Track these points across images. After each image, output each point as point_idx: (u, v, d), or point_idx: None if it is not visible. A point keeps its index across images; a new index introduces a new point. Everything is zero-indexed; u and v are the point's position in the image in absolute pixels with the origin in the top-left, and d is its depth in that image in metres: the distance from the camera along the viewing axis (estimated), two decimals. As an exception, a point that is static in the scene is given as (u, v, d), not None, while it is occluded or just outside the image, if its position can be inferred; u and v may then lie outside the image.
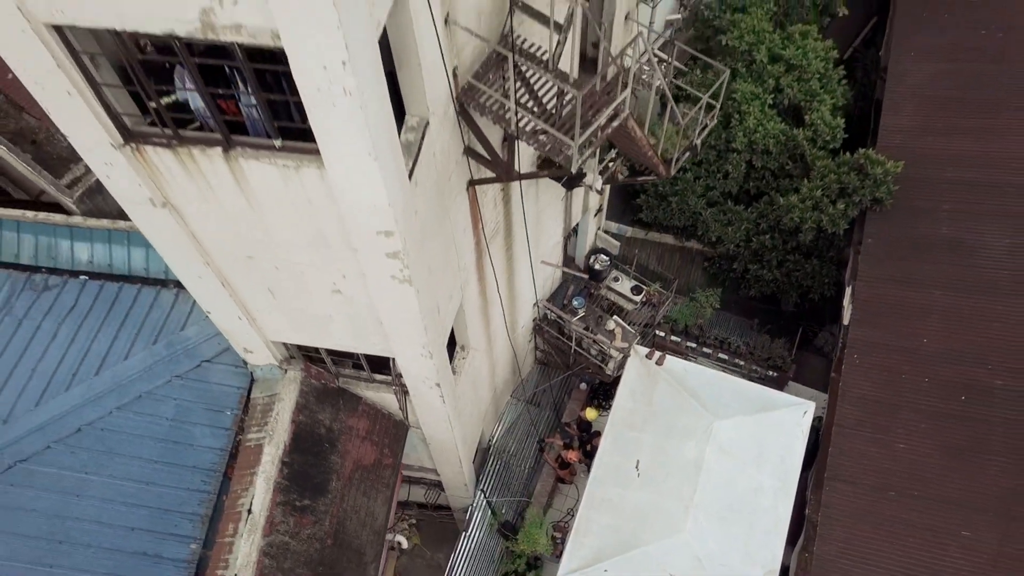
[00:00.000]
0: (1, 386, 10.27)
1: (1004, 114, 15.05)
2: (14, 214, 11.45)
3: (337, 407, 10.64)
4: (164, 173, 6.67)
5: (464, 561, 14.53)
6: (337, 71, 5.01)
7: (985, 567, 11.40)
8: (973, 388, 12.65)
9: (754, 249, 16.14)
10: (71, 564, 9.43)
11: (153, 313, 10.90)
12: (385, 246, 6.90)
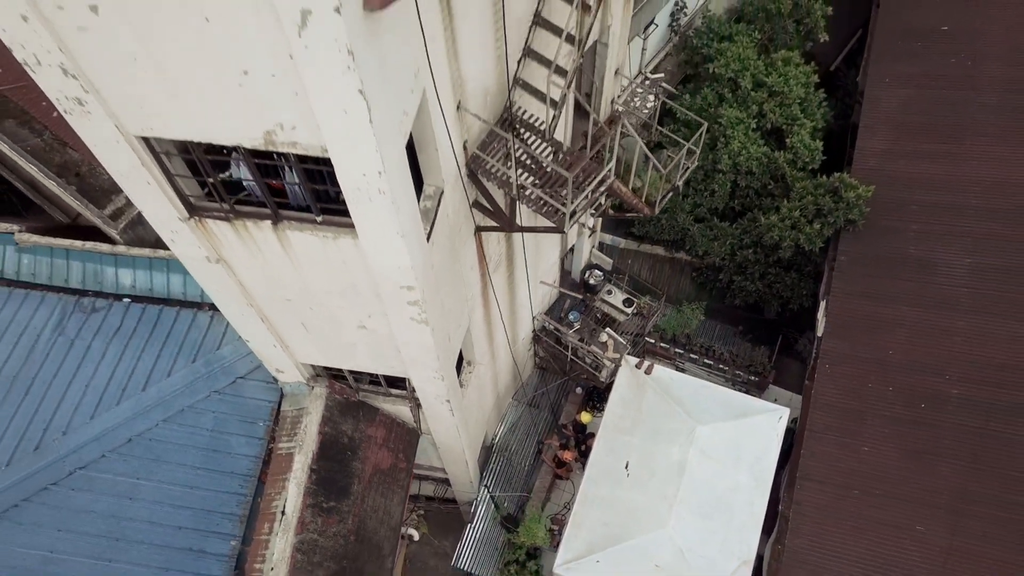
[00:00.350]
0: (59, 401, 11.55)
1: (967, 140, 16.23)
2: (64, 243, 12.69)
3: (358, 418, 11.94)
4: (220, 238, 7.92)
5: (469, 550, 15.90)
6: (374, 178, 6.25)
7: (937, 559, 12.74)
8: (931, 396, 13.93)
9: (738, 262, 17.36)
10: (127, 559, 10.75)
11: (192, 333, 12.17)
12: (407, 296, 8.16)
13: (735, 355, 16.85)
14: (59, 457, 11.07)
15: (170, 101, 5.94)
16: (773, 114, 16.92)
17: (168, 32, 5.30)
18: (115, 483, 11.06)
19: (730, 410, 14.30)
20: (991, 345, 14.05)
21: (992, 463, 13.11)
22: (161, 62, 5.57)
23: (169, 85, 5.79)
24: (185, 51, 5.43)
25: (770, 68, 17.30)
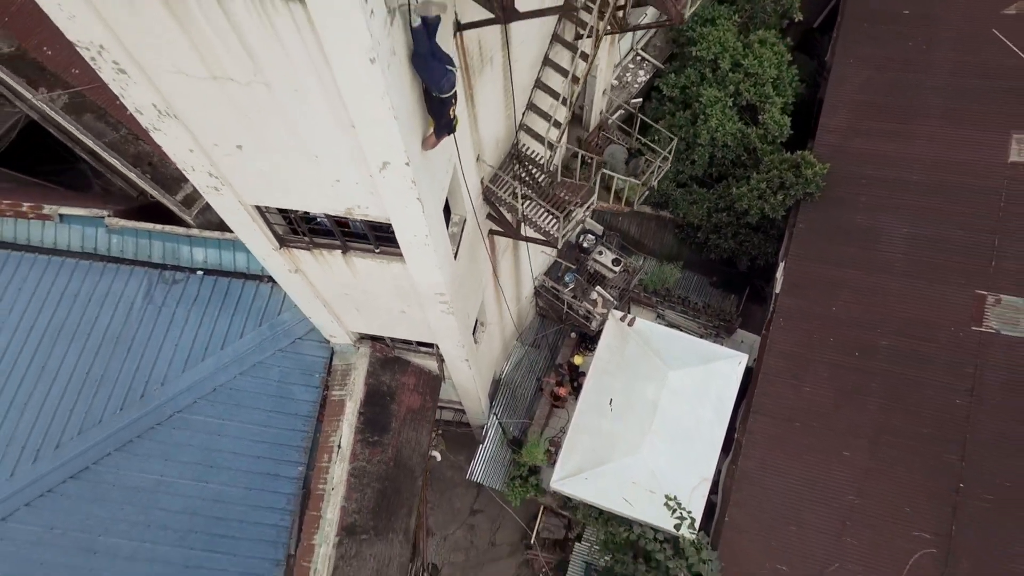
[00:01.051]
0: (155, 358, 14.51)
1: (915, 120, 18.58)
2: (146, 226, 15.39)
3: (394, 370, 14.94)
4: (300, 259, 10.67)
5: (481, 466, 19.19)
6: (421, 237, 8.96)
7: (858, 477, 15.91)
8: (864, 347, 16.84)
9: (713, 223, 19.96)
10: (220, 481, 13.94)
11: (256, 302, 15.02)
12: (439, 298, 10.96)
13: (708, 305, 19.70)
14: (160, 403, 14.10)
15: (282, 193, 8.61)
16: (748, 93, 19.15)
17: (287, 161, 7.93)
18: (206, 423, 14.13)
19: (697, 356, 17.27)
20: (916, 304, 16.86)
21: (907, 402, 16.13)
22: (280, 175, 8.21)
23: (283, 186, 8.45)
24: (299, 171, 8.07)
25: (747, 50, 19.43)
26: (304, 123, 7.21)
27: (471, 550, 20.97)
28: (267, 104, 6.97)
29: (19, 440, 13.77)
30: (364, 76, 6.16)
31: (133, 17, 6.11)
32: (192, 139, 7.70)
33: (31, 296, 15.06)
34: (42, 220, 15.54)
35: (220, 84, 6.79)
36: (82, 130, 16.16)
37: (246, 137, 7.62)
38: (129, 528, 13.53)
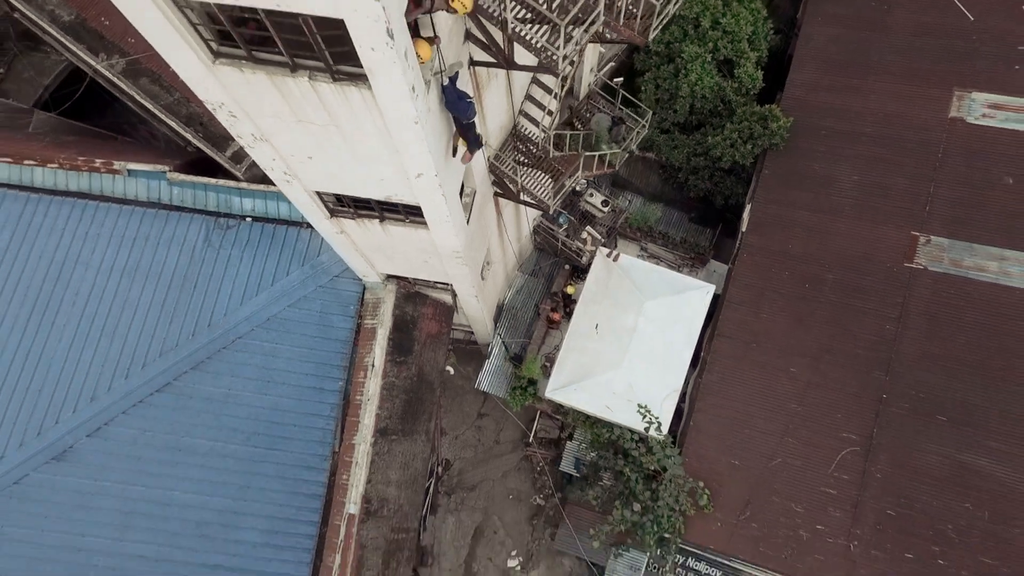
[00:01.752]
0: (217, 292, 17.58)
1: (871, 77, 21.02)
2: (202, 179, 18.18)
3: (415, 302, 18.05)
4: (345, 225, 13.60)
5: (487, 378, 22.54)
6: (443, 215, 11.86)
7: (800, 390, 19.20)
8: (813, 279, 19.85)
9: (692, 166, 22.66)
10: (276, 393, 17.23)
11: (298, 245, 17.96)
12: (455, 255, 13.94)
13: (685, 239, 22.63)
14: (225, 331, 17.26)
15: (338, 184, 11.48)
16: (725, 49, 21.51)
17: (345, 167, 10.77)
18: (263, 347, 17.33)
19: (671, 287, 20.35)
20: (860, 243, 19.77)
21: (846, 328, 19.26)
22: (338, 174, 11.06)
23: (339, 180, 11.32)
24: (353, 173, 10.92)
25: (726, 8, 21.66)
26: (361, 147, 10.00)
27: (478, 447, 24.55)
28: (335, 137, 9.75)
29: (112, 361, 17.01)
30: (409, 130, 8.95)
31: (247, 88, 8.84)
32: (276, 152, 10.51)
33: (109, 239, 18.03)
34: (112, 174, 18.33)
35: (303, 125, 9.56)
36: (141, 94, 18.73)
37: (316, 152, 10.42)
38: (205, 431, 16.93)
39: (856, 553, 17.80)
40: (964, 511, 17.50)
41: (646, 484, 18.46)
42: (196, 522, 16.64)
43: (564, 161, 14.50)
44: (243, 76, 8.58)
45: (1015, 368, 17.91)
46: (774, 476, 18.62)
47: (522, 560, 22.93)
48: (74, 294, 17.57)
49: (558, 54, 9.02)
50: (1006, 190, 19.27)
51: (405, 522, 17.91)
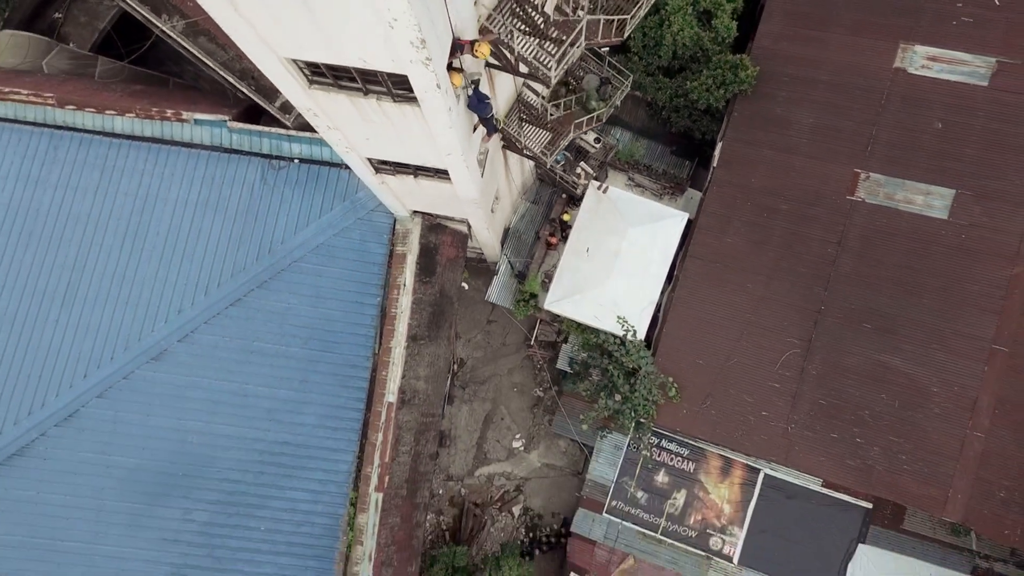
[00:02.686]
0: (274, 225, 21.55)
1: (831, 29, 24.27)
2: (256, 128, 21.86)
3: (438, 232, 22.07)
4: (387, 179, 17.48)
5: (495, 291, 26.76)
6: (465, 176, 15.75)
7: (755, 302, 23.39)
8: (770, 209, 23.74)
9: (673, 105, 26.14)
10: (326, 307, 21.41)
11: (339, 183, 21.80)
12: (472, 201, 17.87)
13: (666, 171, 26.40)
14: (282, 256, 21.31)
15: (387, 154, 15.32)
16: (705, 1, 24.67)
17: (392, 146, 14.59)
18: (314, 269, 21.42)
19: (652, 216, 24.28)
20: (810, 178, 23.56)
21: (794, 251, 23.29)
22: (387, 149, 14.89)
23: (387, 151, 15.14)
24: (399, 148, 14.75)
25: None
26: (407, 136, 13.83)
27: (487, 348, 29.02)
28: (390, 129, 13.55)
29: (193, 280, 21.17)
30: (444, 130, 12.74)
31: (330, 101, 12.59)
32: (342, 136, 14.33)
33: (181, 178, 21.90)
34: (181, 122, 22.02)
35: (366, 122, 13.34)
36: (200, 52, 22.16)
37: (372, 137, 14.23)
38: (271, 337, 21.24)
39: (793, 434, 22.42)
40: (879, 400, 22.00)
41: (626, 379, 22.90)
42: (267, 408, 21.16)
43: (560, 122, 18.22)
44: (328, 95, 12.32)
45: (927, 285, 22.07)
46: (730, 373, 23.06)
47: (525, 442, 27.76)
48: (157, 225, 21.58)
49: (550, 74, 12.72)
50: (935, 134, 22.92)
51: (431, 409, 22.51)
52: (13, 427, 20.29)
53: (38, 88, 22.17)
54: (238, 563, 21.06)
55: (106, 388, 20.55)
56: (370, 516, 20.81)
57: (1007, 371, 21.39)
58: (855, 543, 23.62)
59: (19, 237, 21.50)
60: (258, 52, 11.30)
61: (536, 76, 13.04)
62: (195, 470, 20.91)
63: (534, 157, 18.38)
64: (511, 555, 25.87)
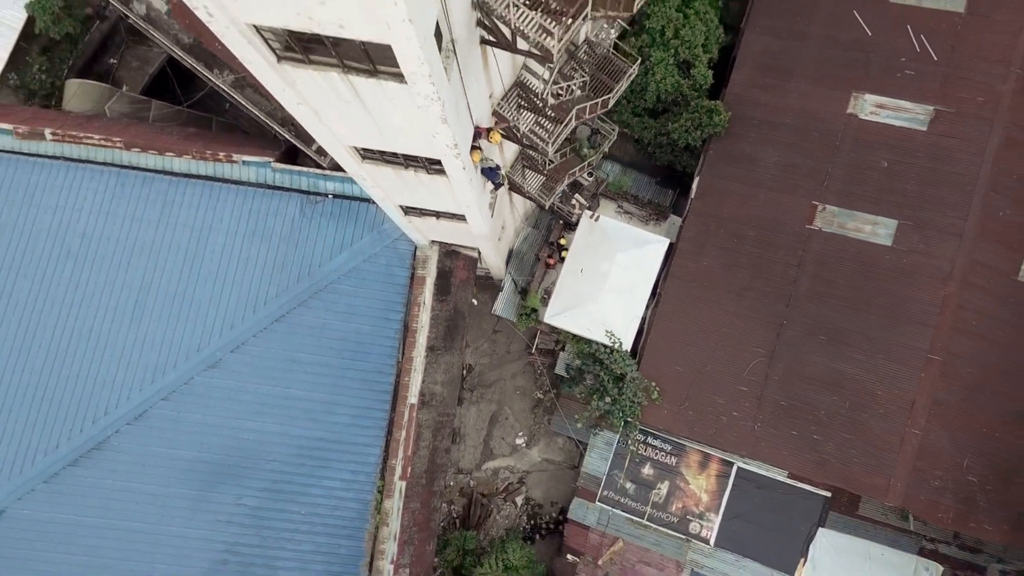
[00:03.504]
0: (312, 251, 25.28)
1: (793, 79, 28.04)
2: (296, 168, 25.61)
3: (452, 257, 25.85)
4: (413, 219, 21.22)
5: (500, 304, 30.52)
6: (479, 221, 19.51)
7: (727, 316, 27.14)
8: (740, 236, 27.50)
9: (657, 142, 29.89)
10: (358, 322, 25.13)
11: (367, 216, 25.55)
12: (483, 236, 21.59)
13: (651, 200, 30.17)
14: (320, 278, 25.06)
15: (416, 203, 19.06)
16: (684, 52, 28.45)
17: (424, 198, 18.33)
18: (346, 290, 25.17)
19: (637, 241, 28.06)
20: (774, 209, 27.33)
21: (760, 272, 27.04)
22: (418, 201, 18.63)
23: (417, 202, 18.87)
24: (428, 200, 18.48)
25: (686, 20, 28.44)
26: (435, 193, 17.56)
27: (493, 355, 32.74)
28: (421, 188, 17.27)
29: (242, 300, 24.92)
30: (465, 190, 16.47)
31: (377, 171, 16.32)
32: (383, 191, 18.05)
33: (231, 211, 25.65)
34: (231, 163, 25.76)
35: (403, 183, 17.06)
36: (248, 103, 25.93)
37: (407, 192, 17.94)
38: (310, 348, 24.99)
39: (759, 431, 26.19)
40: (832, 402, 25.78)
41: (614, 383, 26.65)
42: (306, 409, 24.92)
43: (557, 169, 21.97)
44: (377, 167, 16.08)
45: (873, 303, 25.85)
46: (705, 378, 26.82)
47: (526, 439, 31.53)
48: (211, 252, 25.33)
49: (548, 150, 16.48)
50: (881, 171, 26.70)
51: (446, 410, 26.29)
52: (91, 425, 24.04)
53: (107, 133, 25.92)
54: (281, 541, 24.79)
55: (170, 392, 24.30)
56: (395, 501, 24.54)
57: (940, 377, 25.16)
58: (816, 527, 27.38)
59: (93, 262, 25.25)
60: (326, 139, 14.96)
61: (536, 149, 16.74)
62: (245, 462, 24.65)
63: (534, 199, 22.13)
64: (515, 539, 29.55)
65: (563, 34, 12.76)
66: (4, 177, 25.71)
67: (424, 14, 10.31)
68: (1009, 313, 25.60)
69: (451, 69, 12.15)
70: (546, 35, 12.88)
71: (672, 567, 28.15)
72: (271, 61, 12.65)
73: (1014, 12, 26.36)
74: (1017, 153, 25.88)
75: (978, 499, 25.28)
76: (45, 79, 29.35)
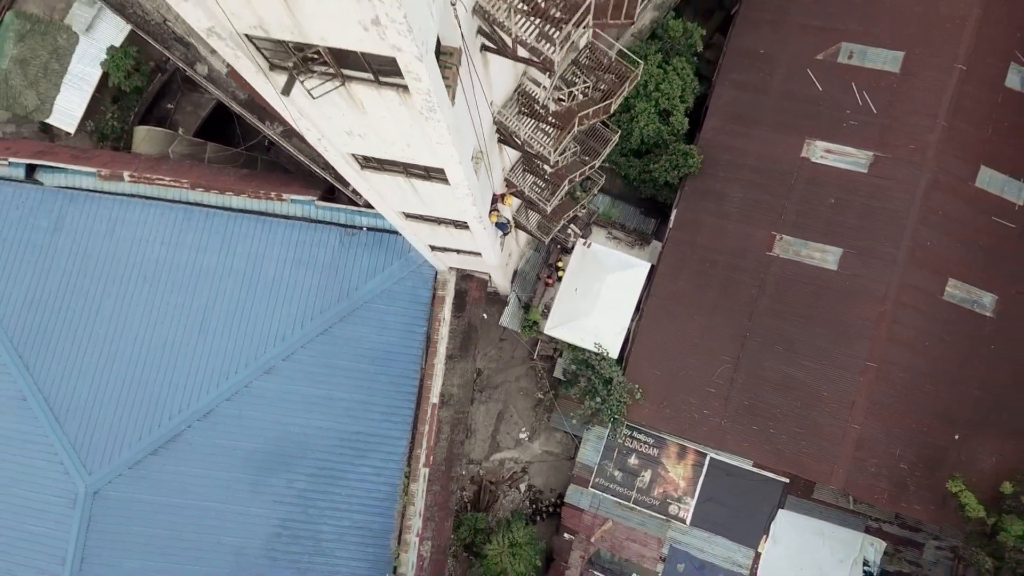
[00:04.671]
0: (350, 275, 30.38)
1: (756, 127, 33.12)
2: (335, 205, 30.70)
3: (467, 280, 30.99)
4: (438, 253, 26.32)
5: (506, 316, 35.60)
6: (494, 256, 24.61)
7: (699, 329, 32.23)
8: (711, 261, 32.59)
9: (642, 179, 34.96)
10: (388, 335, 30.23)
11: (396, 244, 30.66)
12: (494, 266, 26.68)
13: (636, 228, 35.28)
14: (358, 299, 30.17)
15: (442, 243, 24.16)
16: (664, 103, 33.53)
17: (449, 241, 23.41)
18: (379, 308, 30.28)
19: (623, 265, 33.19)
20: (740, 239, 32.41)
21: (728, 292, 32.12)
22: (444, 242, 23.72)
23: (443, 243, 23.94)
24: (452, 242, 23.57)
25: (666, 75, 33.51)
26: (459, 239, 22.61)
27: (499, 360, 37.81)
28: (448, 236, 22.32)
29: (291, 316, 30.03)
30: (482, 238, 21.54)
31: (416, 226, 21.37)
32: (417, 236, 23.10)
33: (281, 242, 30.74)
34: (280, 201, 30.86)
35: (435, 232, 22.10)
36: (294, 150, 31.01)
37: (437, 237, 22.95)
38: (348, 356, 30.09)
39: (725, 426, 31.31)
40: (786, 402, 30.88)
41: (604, 385, 31.75)
42: (345, 407, 30.05)
43: (556, 211, 27.03)
44: (416, 223, 21.17)
45: (821, 318, 30.96)
46: (680, 381, 31.93)
47: (529, 434, 36.67)
48: (264, 276, 30.45)
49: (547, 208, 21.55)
50: (829, 207, 31.80)
51: (461, 408, 31.42)
52: (168, 421, 29.16)
53: (175, 175, 31.03)
54: (324, 518, 29.92)
55: (233, 393, 29.42)
56: (419, 484, 29.67)
57: (876, 381, 30.28)
58: (776, 508, 32.54)
59: (165, 285, 30.38)
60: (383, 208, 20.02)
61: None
62: (295, 451, 29.78)
63: (536, 236, 27.22)
64: (519, 520, 34.67)
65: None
66: (90, 212, 30.84)
67: (466, 151, 15.34)
68: (935, 327, 30.74)
69: (480, 170, 17.14)
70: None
71: (654, 543, 33.26)
72: (358, 170, 17.60)
73: (940, 73, 31.43)
74: (942, 193, 31.00)
75: (908, 483, 30.43)
76: (116, 125, 34.44)
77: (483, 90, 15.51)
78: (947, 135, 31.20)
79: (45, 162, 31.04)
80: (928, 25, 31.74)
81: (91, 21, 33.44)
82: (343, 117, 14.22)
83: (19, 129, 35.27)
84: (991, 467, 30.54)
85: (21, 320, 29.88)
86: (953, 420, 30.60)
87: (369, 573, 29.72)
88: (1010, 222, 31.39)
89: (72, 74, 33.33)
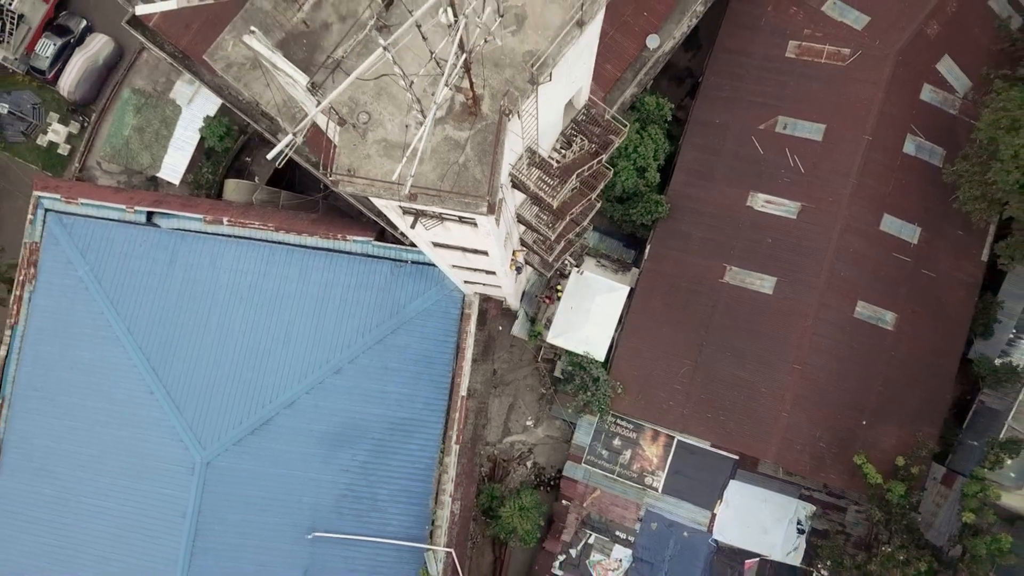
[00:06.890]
0: (397, 298, 39.98)
1: (712, 181, 42.78)
2: (387, 245, 40.33)
3: (487, 301, 40.70)
4: (469, 284, 36.00)
5: (515, 326, 45.19)
6: (512, 295, 34.26)
7: (667, 339, 41.86)
8: (676, 286, 42.25)
9: (623, 220, 44.51)
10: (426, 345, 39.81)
11: (434, 276, 40.26)
12: (507, 296, 36.32)
13: (619, 258, 44.96)
14: (403, 317, 39.76)
15: (472, 279, 33.84)
16: (640, 161, 43.14)
17: (478, 277, 33.06)
18: (421, 322, 39.82)
19: (609, 288, 42.89)
20: (699, 269, 42.10)
21: (688, 311, 41.81)
22: (473, 278, 33.35)
23: (473, 278, 33.62)
24: (479, 278, 33.21)
25: (641, 140, 43.08)
26: (487, 279, 32.12)
27: (510, 362, 47.40)
28: (481, 276, 31.85)
29: (352, 329, 39.57)
30: (504, 280, 31.08)
31: (458, 274, 30.93)
32: (456, 276, 32.66)
33: (345, 271, 40.33)
34: (344, 240, 40.42)
35: (471, 284, 31.67)
36: (355, 200, 40.53)
37: (472, 277, 32.51)
38: (397, 361, 39.65)
39: (687, 415, 41.03)
40: (735, 396, 40.57)
41: (593, 383, 41.36)
42: (396, 400, 39.62)
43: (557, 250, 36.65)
44: (461, 271, 30.76)
45: (761, 331, 40.66)
46: (653, 380, 41.62)
47: (534, 421, 46.39)
48: (333, 299, 40.04)
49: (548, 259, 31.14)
50: (767, 245, 41.48)
51: (483, 400, 41.12)
52: (261, 409, 38.80)
53: (262, 220, 40.62)
54: (381, 483, 39.52)
55: (310, 388, 39.05)
56: (452, 457, 39.29)
57: (800, 379, 39.99)
58: (729, 479, 42.29)
59: (257, 306, 40.00)
60: (440, 262, 29.63)
61: (541, 248, 31.44)
62: (357, 433, 39.38)
63: (541, 271, 36.82)
64: (526, 490, 44.38)
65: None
66: (197, 249, 40.48)
67: (501, 238, 25.19)
68: (847, 338, 40.45)
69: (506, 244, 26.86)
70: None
71: (633, 507, 42.98)
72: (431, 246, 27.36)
73: (852, 142, 41.08)
74: (853, 235, 40.70)
75: (826, 458, 40.15)
76: (210, 177, 44.05)
77: (509, 206, 25.63)
78: (858, 190, 40.87)
79: (161, 209, 40.62)
80: (844, 105, 41.42)
81: (192, 96, 43.06)
82: (435, 231, 24.25)
83: (130, 179, 44.86)
84: (891, 446, 40.29)
85: (148, 333, 39.53)
86: (861, 410, 40.31)
87: (413, 525, 39.32)
88: (906, 256, 41.10)
89: (177, 138, 42.97)
